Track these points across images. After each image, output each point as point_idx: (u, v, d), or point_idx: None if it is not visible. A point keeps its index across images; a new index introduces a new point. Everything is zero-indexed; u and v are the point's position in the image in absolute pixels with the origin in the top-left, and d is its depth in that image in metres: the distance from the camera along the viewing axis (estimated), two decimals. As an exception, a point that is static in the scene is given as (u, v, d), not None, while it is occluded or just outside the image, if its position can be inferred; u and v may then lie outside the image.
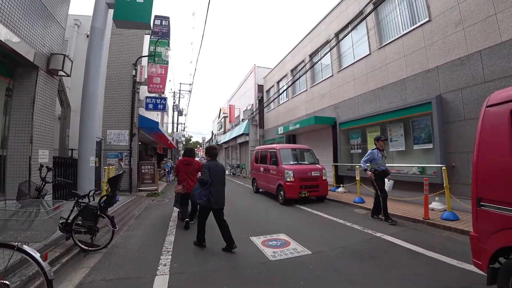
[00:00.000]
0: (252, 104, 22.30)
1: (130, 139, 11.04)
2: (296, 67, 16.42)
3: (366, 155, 6.50)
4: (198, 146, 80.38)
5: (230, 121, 27.35)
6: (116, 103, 11.35)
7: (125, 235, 5.16)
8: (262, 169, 10.58)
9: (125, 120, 11.24)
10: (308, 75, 14.53)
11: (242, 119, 23.47)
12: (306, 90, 14.98)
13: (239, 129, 23.26)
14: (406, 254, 4.10)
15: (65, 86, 11.22)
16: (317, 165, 9.36)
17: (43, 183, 4.25)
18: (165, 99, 11.62)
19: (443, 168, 6.23)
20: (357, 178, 8.82)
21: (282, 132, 15.55)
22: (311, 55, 14.62)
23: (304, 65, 14.89)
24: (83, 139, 6.30)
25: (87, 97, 6.42)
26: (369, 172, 6.30)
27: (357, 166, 8.83)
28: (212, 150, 4.68)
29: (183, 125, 43.43)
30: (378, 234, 5.12)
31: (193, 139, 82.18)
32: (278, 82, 19.20)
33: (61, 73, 5.78)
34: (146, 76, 11.73)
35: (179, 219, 6.37)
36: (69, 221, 4.22)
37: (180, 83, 46.36)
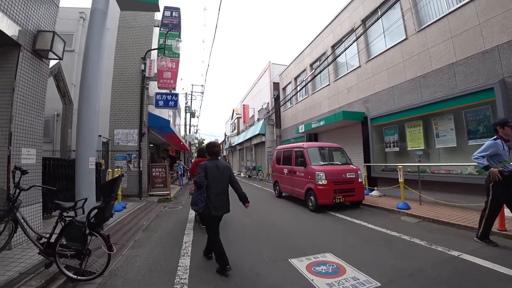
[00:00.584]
0: (268, 103, 21.15)
1: (140, 139, 10.07)
2: (316, 60, 15.20)
3: (483, 147, 4.28)
4: (197, 150, 79.85)
5: (244, 122, 26.29)
6: (124, 100, 10.43)
7: (128, 255, 4.07)
8: (286, 171, 9.39)
9: (134, 118, 10.29)
10: (331, 68, 13.29)
11: (258, 119, 22.36)
12: (328, 84, 13.72)
13: (255, 130, 22.15)
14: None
15: (69, 83, 10.41)
16: (351, 166, 8.11)
17: (16, 190, 3.22)
18: (176, 95, 10.62)
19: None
20: (401, 180, 7.50)
21: (303, 130, 14.33)
22: (334, 46, 13.37)
23: (326, 58, 13.64)
24: (81, 137, 5.30)
25: (85, 89, 5.45)
26: (495, 171, 4.08)
27: (399, 166, 7.53)
28: (210, 148, 3.79)
29: (195, 127, 42.78)
30: (455, 253, 3.88)
31: (206, 141, 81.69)
32: (295, 78, 18.00)
33: (51, 56, 4.79)
34: (155, 71, 10.78)
35: (196, 221, 5.83)
36: (51, 241, 3.17)
37: (192, 85, 45.71)
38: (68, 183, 6.37)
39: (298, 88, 16.84)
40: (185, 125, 33.15)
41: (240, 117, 33.04)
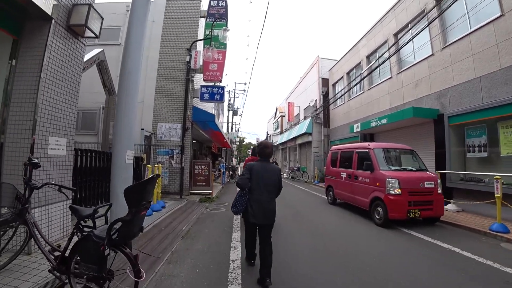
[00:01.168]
0: (315, 100, 19.77)
1: (183, 134, 9.50)
2: (374, 52, 13.55)
3: None
4: (252, 147, 79.76)
5: (289, 120, 25.13)
6: (168, 93, 9.95)
7: (163, 274, 3.25)
8: (343, 175, 8.12)
9: (178, 112, 9.77)
10: (393, 60, 11.62)
11: (305, 117, 21.06)
12: (390, 78, 12.05)
13: (300, 128, 20.90)
14: None
15: (115, 75, 10.23)
16: (428, 173, 6.62)
17: (27, 187, 2.54)
18: (222, 88, 9.88)
19: None
20: (498, 194, 5.84)
21: (358, 130, 12.82)
22: (397, 34, 11.66)
23: (388, 49, 11.95)
24: (118, 127, 4.66)
25: (125, 75, 4.78)
26: None
27: (496, 177, 5.87)
28: (261, 149, 3.40)
29: (237, 126, 42.64)
30: None
31: (246, 140, 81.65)
32: (348, 73, 16.42)
33: (88, 33, 4.19)
34: (201, 63, 10.15)
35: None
36: (66, 254, 2.44)
37: (235, 83, 45.58)
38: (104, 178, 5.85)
39: (352, 84, 15.26)
40: (227, 122, 32.97)
41: (284, 116, 31.96)
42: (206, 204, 8.37)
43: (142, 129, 8.75)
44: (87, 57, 6.74)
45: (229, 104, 33.17)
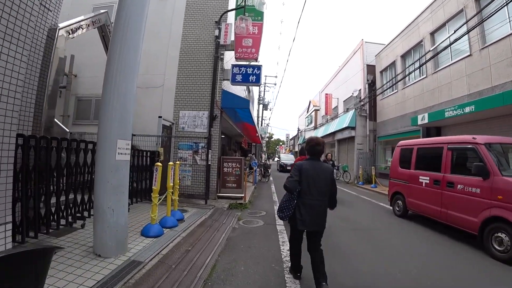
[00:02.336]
0: (359, 90, 17.30)
1: (210, 124, 7.78)
2: (443, 25, 10.94)
3: None
4: (281, 144, 77.44)
5: (326, 113, 22.77)
6: (193, 74, 8.26)
7: None
8: (425, 179, 5.91)
9: (204, 98, 8.05)
10: (473, 33, 9.05)
11: (347, 109, 18.60)
12: (469, 55, 9.47)
13: (341, 122, 18.54)
14: None
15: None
16: None
17: None
18: (259, 68, 8.00)
19: None
20: None
21: (425, 121, 10.38)
22: None
23: (467, 21, 9.34)
24: (105, 103, 2.98)
25: (121, 22, 3.09)
26: None
27: None
28: (312, 146, 2.92)
29: (266, 120, 40.78)
30: None
31: (275, 137, 79.44)
32: (403, 56, 13.84)
33: None
34: (232, 38, 8.34)
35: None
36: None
37: (265, 76, 43.56)
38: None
39: (410, 68, 12.70)
40: (257, 117, 31.18)
41: (319, 109, 29.60)
42: (238, 212, 6.57)
43: (160, 117, 7.11)
44: (79, 18, 5.20)
45: (259, 97, 31.41)
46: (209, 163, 7.51)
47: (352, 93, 17.40)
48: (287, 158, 27.71)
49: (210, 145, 7.60)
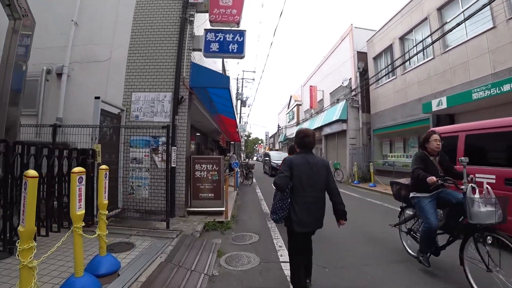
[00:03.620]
0: (349, 79, 15.57)
1: (174, 110, 5.50)
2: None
3: None
4: (260, 142, 75.54)
5: (310, 107, 20.94)
6: (151, 43, 5.95)
7: None
8: (486, 178, 4.02)
9: (166, 74, 5.77)
10: (495, 3, 7.43)
11: (337, 99, 16.70)
12: (492, 27, 7.85)
13: (329, 115, 16.74)
14: None
15: (68, 19, 6.42)
16: None
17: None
18: (241, 34, 5.83)
19: None
20: None
21: (443, 106, 8.65)
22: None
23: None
24: None
25: None
26: None
27: None
28: (301, 138, 2.66)
29: (246, 118, 38.61)
30: None
31: (253, 135, 77.37)
32: (401, 38, 12.21)
33: None
34: (206, -6, 6.12)
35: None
36: None
37: (243, 71, 41.53)
38: None
39: (413, 51, 11.04)
40: (236, 121, 28.94)
41: (301, 104, 27.92)
42: (217, 239, 4.36)
43: (97, 98, 4.75)
44: None
45: (237, 92, 29.25)
46: (173, 165, 5.24)
47: (342, 83, 15.63)
48: (279, 156, 18.45)
49: (175, 140, 5.34)
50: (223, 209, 5.34)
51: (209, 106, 9.01)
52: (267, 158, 20.68)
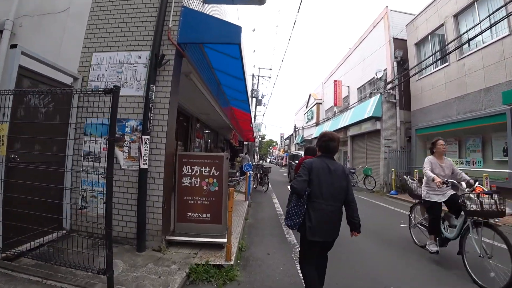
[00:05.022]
0: (384, 70, 13.21)
1: (151, 77, 3.43)
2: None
3: None
4: (274, 144, 73.24)
5: (335, 104, 18.57)
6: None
7: None
8: None
9: (143, 25, 3.74)
10: None
11: (370, 93, 14.25)
12: None
13: (358, 113, 14.37)
14: None
15: None
16: None
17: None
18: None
19: None
20: None
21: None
22: None
23: None
24: None
25: None
26: None
27: None
28: (324, 142, 2.53)
29: (261, 118, 36.53)
30: None
31: (267, 137, 75.11)
32: (457, 16, 9.80)
33: None
34: None
35: None
36: None
37: (259, 68, 39.54)
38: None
39: (475, 30, 8.63)
40: (251, 114, 26.92)
41: (321, 103, 25.60)
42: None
43: (14, 46, 2.77)
44: None
45: (252, 89, 27.29)
46: (143, 165, 3.17)
47: (375, 74, 13.24)
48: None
49: (148, 125, 3.26)
50: (224, 240, 3.20)
51: (216, 91, 6.98)
52: (290, 160, 17.16)
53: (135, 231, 3.26)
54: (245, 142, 23.48)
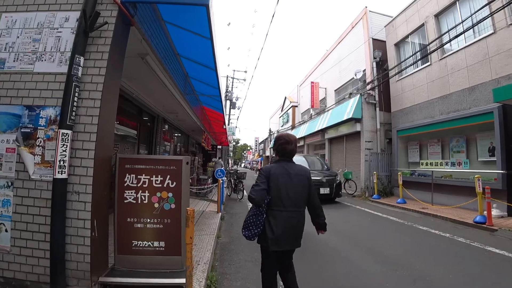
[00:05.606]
0: (363, 71, 12.82)
1: (77, 45, 2.38)
2: None
3: None
4: (249, 148, 72.39)
5: (312, 106, 18.05)
6: None
7: None
8: None
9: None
10: None
11: (350, 94, 13.71)
12: None
13: (337, 114, 13.84)
14: None
15: None
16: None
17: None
18: None
19: None
20: None
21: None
22: None
23: None
24: None
25: None
26: None
27: None
28: (282, 144, 2.37)
29: (235, 122, 35.53)
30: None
31: (241, 142, 74.11)
32: (438, 15, 9.51)
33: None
34: None
35: None
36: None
37: (234, 70, 38.65)
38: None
39: (457, 30, 8.32)
40: (224, 115, 25.88)
41: (297, 106, 25.14)
42: None
43: None
44: None
45: (226, 91, 26.35)
46: (62, 174, 2.11)
47: (355, 75, 12.80)
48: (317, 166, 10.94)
49: (69, 113, 2.21)
50: (183, 281, 2.20)
51: (183, 84, 5.96)
52: None
53: (49, 272, 2.18)
54: (219, 146, 22.40)
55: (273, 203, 2.19)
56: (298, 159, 10.40)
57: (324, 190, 9.11)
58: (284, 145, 2.34)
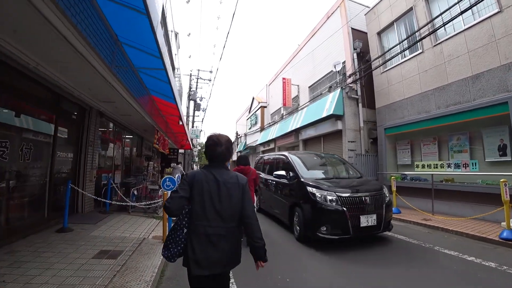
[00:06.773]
0: (343, 63, 11.48)
1: None
2: None
3: None
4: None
5: (284, 105, 16.47)
6: None
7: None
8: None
9: None
10: None
11: (329, 87, 12.15)
12: None
13: (315, 112, 12.31)
14: None
15: None
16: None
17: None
18: None
19: None
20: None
21: None
22: None
23: None
24: None
25: None
26: None
27: None
28: (210, 146, 1.94)
29: (201, 125, 33.14)
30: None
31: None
32: (428, -4, 8.39)
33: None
34: None
35: None
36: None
37: (199, 70, 36.32)
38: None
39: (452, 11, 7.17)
40: (187, 116, 23.62)
41: (266, 106, 23.51)
42: None
43: None
44: None
45: (189, 90, 24.22)
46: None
47: (334, 67, 11.38)
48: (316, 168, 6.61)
49: None
50: None
51: (110, 55, 3.88)
52: (289, 175, 5.83)
53: None
54: (181, 151, 20.09)
55: (196, 216, 1.75)
56: (306, 157, 6.61)
57: (368, 220, 4.61)
58: (212, 147, 1.90)
